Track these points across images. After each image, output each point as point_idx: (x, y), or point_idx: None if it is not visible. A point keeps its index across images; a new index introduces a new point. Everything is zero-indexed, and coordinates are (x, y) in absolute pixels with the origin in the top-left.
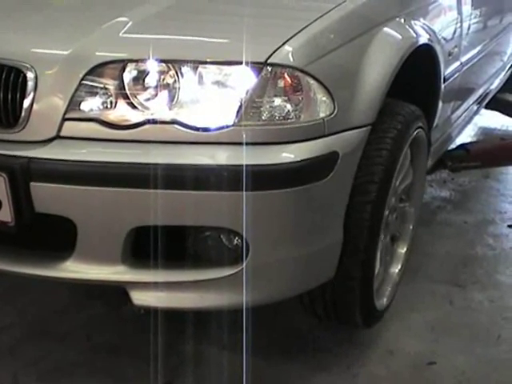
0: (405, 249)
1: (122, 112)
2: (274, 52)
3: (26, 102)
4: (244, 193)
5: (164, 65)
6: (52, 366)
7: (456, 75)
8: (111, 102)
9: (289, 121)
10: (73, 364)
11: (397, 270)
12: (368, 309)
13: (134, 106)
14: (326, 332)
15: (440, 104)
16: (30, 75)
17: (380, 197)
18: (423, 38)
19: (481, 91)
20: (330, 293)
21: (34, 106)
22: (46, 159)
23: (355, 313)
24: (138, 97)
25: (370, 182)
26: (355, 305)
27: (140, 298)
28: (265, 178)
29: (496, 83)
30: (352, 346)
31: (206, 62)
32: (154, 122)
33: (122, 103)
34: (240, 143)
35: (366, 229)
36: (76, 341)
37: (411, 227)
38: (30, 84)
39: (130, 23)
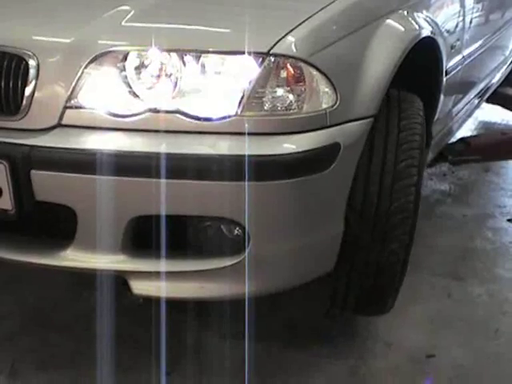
0: None
1: (123, 101)
2: (276, 42)
3: (28, 90)
4: (246, 183)
5: (166, 54)
6: (50, 355)
7: (458, 68)
8: (113, 91)
9: (291, 111)
10: (71, 353)
11: None
12: (397, 292)
13: (135, 95)
14: (326, 324)
15: (442, 97)
16: (31, 63)
17: (419, 179)
18: (426, 31)
19: (482, 85)
20: (370, 282)
21: (36, 93)
22: (47, 147)
23: (389, 299)
24: (139, 86)
25: (412, 166)
26: (392, 290)
27: (140, 287)
28: (266, 168)
29: (497, 77)
30: (351, 338)
31: (208, 52)
32: (156, 111)
33: (123, 92)
34: (242, 133)
35: (411, 211)
36: (75, 330)
37: None
38: (32, 72)
39: (132, 12)
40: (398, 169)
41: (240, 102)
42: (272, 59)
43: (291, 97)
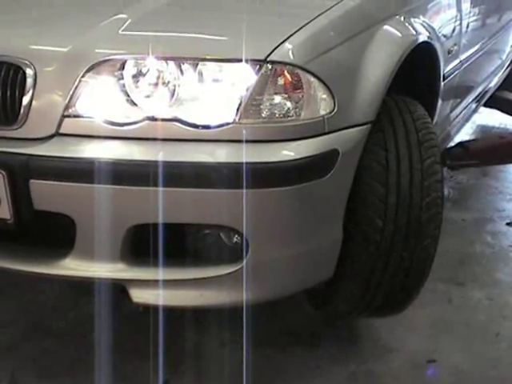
0: None
1: (121, 109)
2: (274, 49)
3: (25, 99)
4: (244, 191)
5: (164, 62)
6: (50, 363)
7: (455, 73)
8: (111, 99)
9: (289, 118)
10: (71, 361)
11: None
12: (422, 287)
13: (133, 103)
14: (325, 329)
15: (439, 102)
16: (29, 72)
17: (443, 176)
18: (423, 36)
19: (480, 89)
20: (400, 279)
21: (33, 102)
22: (45, 156)
23: (414, 295)
24: (137, 94)
25: (436, 163)
26: (419, 286)
27: (139, 295)
28: (265, 175)
29: (495, 81)
30: (351, 343)
31: (205, 60)
32: (154, 119)
33: (121, 100)
34: (240, 141)
35: (440, 206)
36: (74, 338)
37: None
38: (29, 81)
39: (129, 20)
40: (425, 166)
41: (238, 110)
42: (269, 66)
43: (289, 104)
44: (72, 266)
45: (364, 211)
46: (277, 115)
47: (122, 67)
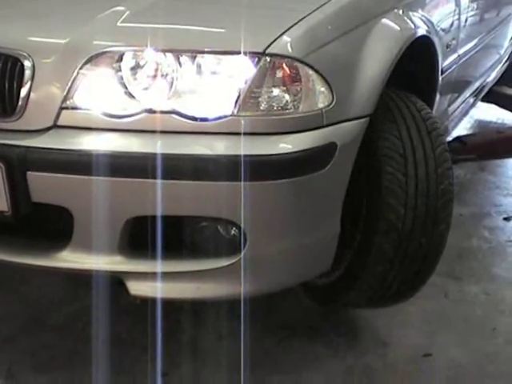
0: None
1: (119, 101)
2: (272, 42)
3: (23, 91)
4: (242, 183)
5: (162, 54)
6: (48, 356)
7: (453, 67)
8: (109, 92)
9: (287, 111)
10: (69, 354)
11: None
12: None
13: (131, 96)
14: (323, 322)
15: (437, 96)
16: (27, 64)
17: (451, 163)
18: (421, 30)
19: (477, 84)
20: (418, 265)
21: (31, 94)
22: (43, 148)
23: (427, 279)
24: (135, 86)
25: (445, 151)
26: (431, 272)
27: (137, 288)
28: (263, 168)
29: (493, 76)
30: (347, 337)
31: (204, 52)
32: (152, 111)
33: (119, 92)
34: (238, 133)
35: (452, 193)
36: (72, 331)
37: None
38: (28, 73)
39: (128, 12)
40: (437, 154)
41: (236, 102)
42: (268, 59)
43: (287, 96)
44: (70, 259)
45: (386, 200)
46: (275, 108)
47: (120, 59)
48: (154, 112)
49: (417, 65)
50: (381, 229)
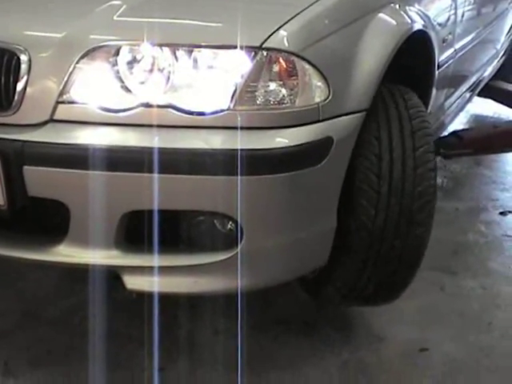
0: None
1: (115, 95)
2: (269, 36)
3: (20, 85)
4: (239, 177)
5: (158, 48)
6: (44, 351)
7: (450, 62)
8: (105, 86)
9: (283, 105)
10: (65, 349)
11: None
12: (414, 276)
13: (128, 90)
14: (318, 318)
15: (434, 91)
16: (23, 58)
17: (436, 164)
18: (418, 24)
19: (474, 78)
20: (392, 268)
21: (28, 89)
22: (39, 143)
23: (406, 284)
24: (132, 80)
25: (429, 152)
26: (412, 275)
27: (133, 282)
28: (259, 162)
29: (489, 71)
30: (343, 332)
31: (200, 46)
32: (149, 105)
33: (116, 87)
34: (235, 128)
35: (432, 195)
36: (68, 326)
37: None
38: (24, 67)
39: (124, 6)
40: (417, 155)
41: (232, 97)
42: (264, 53)
43: (284, 91)
44: (66, 253)
45: (358, 200)
46: (272, 102)
47: (117, 53)
48: (151, 106)
49: (413, 59)
50: (352, 228)
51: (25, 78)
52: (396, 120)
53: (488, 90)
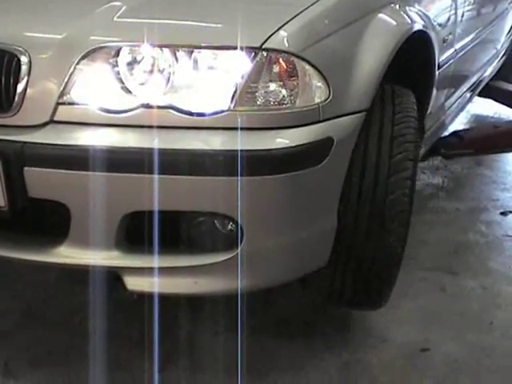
0: None
1: (116, 96)
2: (269, 37)
3: (20, 87)
4: (239, 178)
5: (158, 49)
6: (44, 351)
7: (450, 62)
8: (105, 87)
9: (284, 106)
10: (65, 350)
11: None
12: (394, 285)
13: (128, 91)
14: (318, 319)
15: (434, 91)
16: (23, 59)
17: (414, 172)
18: (418, 25)
19: (474, 78)
20: (365, 275)
21: (28, 90)
22: (39, 144)
23: (386, 291)
24: (132, 81)
25: (407, 159)
26: (389, 283)
27: (134, 283)
28: (260, 163)
29: (489, 71)
30: (344, 333)
31: (200, 47)
32: (149, 106)
33: (116, 88)
34: (235, 128)
35: (406, 204)
36: (68, 327)
37: None
38: (24, 68)
39: (124, 7)
40: (393, 162)
41: (233, 97)
42: (264, 54)
43: (284, 91)
44: (66, 254)
45: None
46: (272, 103)
47: (117, 54)
48: (151, 107)
49: (413, 59)
50: None
51: (25, 79)
52: (377, 124)
53: (488, 90)
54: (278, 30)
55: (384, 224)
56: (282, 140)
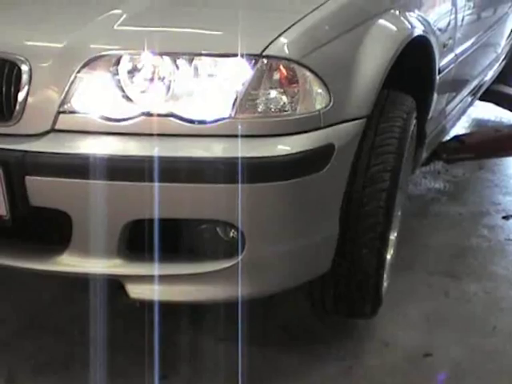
0: (395, 235)
1: (117, 105)
2: (269, 44)
3: (21, 96)
4: (240, 185)
5: (159, 57)
6: (47, 359)
7: (451, 67)
8: (106, 95)
9: (285, 113)
10: (67, 357)
11: (389, 256)
12: (377, 297)
13: (129, 99)
14: (321, 324)
15: (435, 96)
16: (24, 68)
17: (393, 184)
18: (418, 30)
19: (475, 83)
20: (343, 286)
21: (29, 99)
22: (40, 152)
23: (367, 303)
24: (132, 89)
25: (384, 171)
26: (368, 294)
27: (136, 291)
28: (261, 170)
29: (490, 75)
30: (347, 338)
31: (201, 55)
32: (150, 114)
33: (117, 96)
34: (236, 136)
35: (382, 216)
36: (70, 334)
37: (399, 213)
38: (25, 77)
39: (125, 16)
40: (370, 173)
41: (233, 105)
42: (265, 61)
43: (285, 98)
44: (68, 262)
45: None
46: (273, 110)
47: (118, 63)
48: (152, 115)
49: (414, 65)
50: None
51: (26, 88)
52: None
53: (489, 94)
54: (278, 36)
55: (357, 236)
56: (283, 147)
